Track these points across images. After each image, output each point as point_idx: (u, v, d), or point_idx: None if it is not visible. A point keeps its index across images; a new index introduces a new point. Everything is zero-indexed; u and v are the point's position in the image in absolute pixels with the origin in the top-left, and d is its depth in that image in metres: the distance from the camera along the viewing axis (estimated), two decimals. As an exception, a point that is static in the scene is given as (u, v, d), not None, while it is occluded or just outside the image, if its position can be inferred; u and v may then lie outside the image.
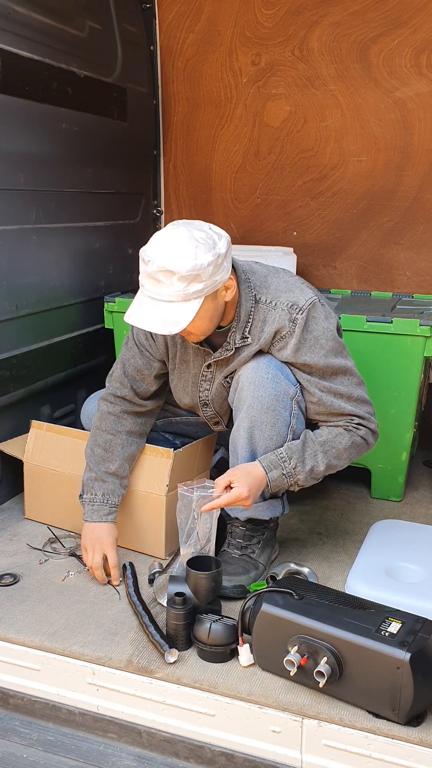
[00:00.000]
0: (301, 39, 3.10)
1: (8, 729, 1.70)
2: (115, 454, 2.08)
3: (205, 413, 2.14)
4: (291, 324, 1.89)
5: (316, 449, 1.89)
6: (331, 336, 1.92)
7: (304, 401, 1.95)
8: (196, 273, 1.69)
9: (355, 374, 1.97)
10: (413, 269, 3.16)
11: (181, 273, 1.68)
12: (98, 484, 2.06)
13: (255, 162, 3.30)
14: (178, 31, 3.28)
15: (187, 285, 1.71)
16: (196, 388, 2.08)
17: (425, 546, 2.08)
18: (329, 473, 1.95)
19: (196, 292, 1.72)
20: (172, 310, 1.73)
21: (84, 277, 2.88)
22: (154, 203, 3.44)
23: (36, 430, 2.35)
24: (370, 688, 1.49)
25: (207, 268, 1.70)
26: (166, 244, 1.72)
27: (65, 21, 2.62)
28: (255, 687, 1.60)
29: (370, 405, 1.99)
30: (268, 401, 1.89)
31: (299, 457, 1.87)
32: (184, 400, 2.14)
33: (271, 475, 1.86)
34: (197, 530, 1.86)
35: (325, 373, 1.92)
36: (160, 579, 1.97)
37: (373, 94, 3.06)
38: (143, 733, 1.65)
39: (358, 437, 1.93)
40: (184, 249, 1.70)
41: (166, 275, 1.70)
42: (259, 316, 1.92)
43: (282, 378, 1.91)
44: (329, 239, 3.25)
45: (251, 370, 1.92)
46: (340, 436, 1.92)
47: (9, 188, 2.39)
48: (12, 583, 2.00)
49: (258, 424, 1.91)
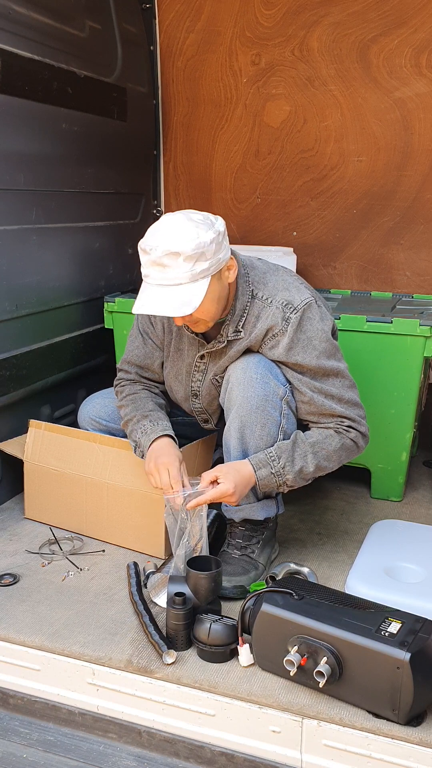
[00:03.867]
0: (301, 39, 3.10)
1: (8, 729, 1.70)
2: (144, 401, 2.10)
3: (194, 405, 2.14)
4: (284, 323, 1.89)
5: (306, 450, 1.90)
6: (325, 337, 1.92)
7: (294, 401, 1.95)
8: (200, 251, 1.72)
9: (347, 377, 1.97)
10: (413, 269, 3.16)
11: (186, 252, 1.71)
12: (143, 420, 2.04)
13: (255, 162, 3.30)
14: (178, 31, 3.28)
15: (194, 264, 1.73)
16: (188, 378, 2.09)
17: (425, 546, 2.08)
18: (318, 475, 1.95)
19: (203, 271, 1.75)
20: (182, 292, 1.75)
21: (84, 277, 2.88)
22: (154, 203, 3.44)
23: (34, 430, 2.36)
24: (370, 688, 1.50)
25: (210, 245, 1.73)
26: (166, 229, 1.75)
27: (65, 21, 2.62)
28: (255, 687, 1.60)
29: (361, 408, 1.99)
30: (257, 401, 1.89)
31: (288, 457, 1.88)
32: (176, 389, 2.15)
33: (260, 473, 1.87)
34: (187, 530, 1.86)
35: (317, 374, 1.92)
36: (153, 579, 1.97)
37: (373, 94, 3.06)
38: (143, 733, 1.65)
39: (348, 440, 1.93)
40: (185, 230, 1.73)
41: (171, 258, 1.72)
42: (253, 312, 1.93)
43: (271, 378, 1.91)
44: (329, 239, 3.25)
45: (240, 371, 1.93)
46: (331, 437, 1.92)
47: (9, 188, 2.39)
48: (12, 583, 2.00)
49: (248, 424, 1.91)
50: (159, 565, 2.06)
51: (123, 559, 2.13)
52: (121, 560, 2.13)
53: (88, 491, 2.23)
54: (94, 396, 2.36)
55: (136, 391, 2.14)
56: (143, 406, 2.09)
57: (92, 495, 2.23)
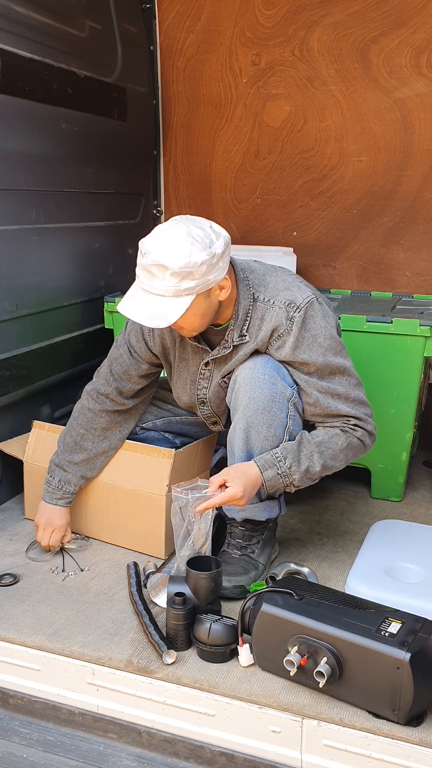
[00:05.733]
0: (301, 39, 3.10)
1: (8, 729, 1.70)
2: (82, 448, 2.15)
3: (203, 412, 2.14)
4: (288, 322, 1.89)
5: (312, 450, 1.89)
6: (330, 334, 1.92)
7: (301, 403, 1.95)
8: (188, 270, 1.70)
9: (354, 375, 1.97)
10: (413, 269, 3.16)
11: (173, 269, 1.70)
12: (58, 471, 2.16)
13: (255, 162, 3.30)
14: (178, 31, 3.28)
15: (179, 281, 1.72)
16: (194, 386, 2.08)
17: (425, 546, 2.08)
18: (325, 474, 1.95)
19: (187, 289, 1.73)
20: (163, 305, 1.74)
21: (84, 277, 2.88)
22: (154, 203, 3.44)
23: (38, 431, 2.35)
24: (370, 688, 1.49)
25: (200, 266, 1.71)
26: (163, 239, 1.74)
27: (65, 21, 2.62)
28: (255, 687, 1.60)
29: (367, 406, 1.99)
30: (264, 402, 1.89)
31: (294, 457, 1.87)
32: (183, 398, 2.14)
33: (266, 474, 1.87)
34: (194, 531, 1.86)
35: (324, 372, 1.92)
36: (153, 578, 1.97)
37: (373, 94, 3.06)
38: (143, 733, 1.65)
39: (355, 438, 1.93)
40: (179, 246, 1.71)
41: (159, 269, 1.71)
42: (257, 315, 1.92)
43: (278, 379, 1.91)
44: (329, 239, 3.25)
45: (248, 371, 1.92)
46: (337, 437, 1.92)
47: (9, 188, 2.39)
48: (12, 583, 2.00)
49: (254, 425, 1.91)
50: (159, 565, 2.06)
51: (123, 559, 2.13)
52: (121, 560, 2.13)
53: (88, 491, 2.23)
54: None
55: (89, 429, 2.15)
56: (78, 451, 2.16)
57: (92, 495, 2.23)
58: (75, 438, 2.15)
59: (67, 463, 2.15)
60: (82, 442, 2.15)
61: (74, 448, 2.15)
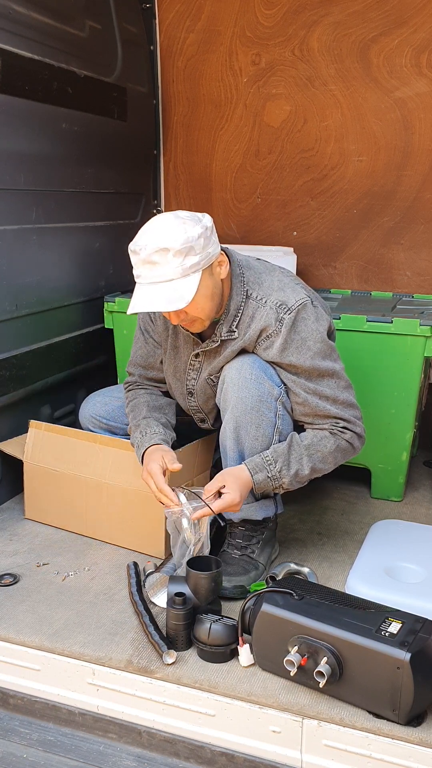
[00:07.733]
0: (302, 39, 3.10)
1: (8, 729, 1.70)
2: (140, 409, 2.12)
3: (190, 404, 2.15)
4: (277, 324, 1.89)
5: (301, 453, 1.90)
6: (320, 338, 1.91)
7: (289, 402, 1.95)
8: (189, 245, 1.73)
9: (343, 378, 1.97)
10: (413, 269, 3.16)
11: (175, 248, 1.72)
12: (135, 432, 2.05)
13: (255, 162, 3.30)
14: (178, 31, 3.28)
15: (184, 259, 1.74)
16: (184, 375, 2.10)
17: (425, 546, 2.08)
18: (314, 476, 1.95)
19: (193, 265, 1.76)
20: (174, 287, 1.76)
21: (84, 277, 2.87)
22: (154, 203, 3.44)
23: (34, 430, 2.35)
24: (370, 688, 1.49)
25: (198, 240, 1.75)
26: (153, 228, 1.78)
27: (65, 21, 2.62)
28: (255, 687, 1.60)
29: (356, 409, 1.98)
30: (252, 402, 1.89)
31: (284, 461, 1.88)
32: (174, 386, 2.16)
33: (257, 477, 1.87)
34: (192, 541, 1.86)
35: (311, 375, 1.92)
36: (152, 578, 1.97)
37: (373, 93, 3.06)
38: (143, 733, 1.65)
39: (344, 441, 1.93)
40: (172, 227, 1.75)
41: (161, 254, 1.73)
42: (248, 312, 1.93)
43: (265, 379, 1.91)
44: (329, 239, 3.25)
45: (235, 371, 1.93)
46: (326, 439, 1.92)
47: (9, 188, 2.39)
48: (12, 583, 2.00)
49: (243, 425, 1.91)
50: (159, 565, 2.06)
51: (123, 559, 2.13)
52: (121, 560, 2.13)
53: (88, 491, 2.23)
54: (95, 394, 2.37)
55: (135, 397, 2.17)
56: (138, 413, 2.11)
57: (92, 495, 2.23)
58: (136, 414, 2.10)
59: (140, 420, 2.07)
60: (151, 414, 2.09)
61: (138, 414, 2.09)
